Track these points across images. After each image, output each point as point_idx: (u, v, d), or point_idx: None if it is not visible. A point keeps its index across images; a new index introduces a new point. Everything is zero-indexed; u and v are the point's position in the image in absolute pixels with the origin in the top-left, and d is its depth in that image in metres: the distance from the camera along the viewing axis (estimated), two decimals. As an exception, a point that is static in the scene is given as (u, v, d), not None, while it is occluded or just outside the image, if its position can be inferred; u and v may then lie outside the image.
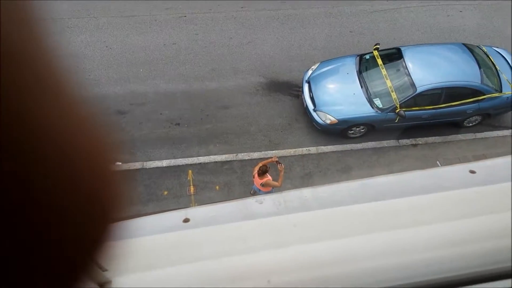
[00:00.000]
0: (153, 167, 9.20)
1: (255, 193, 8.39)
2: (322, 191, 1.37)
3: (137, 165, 9.18)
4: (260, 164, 7.72)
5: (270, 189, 7.77)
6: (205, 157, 9.41)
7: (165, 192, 8.95)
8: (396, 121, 9.25)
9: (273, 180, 7.72)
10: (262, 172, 7.59)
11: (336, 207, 1.22)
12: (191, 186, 9.03)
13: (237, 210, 1.34)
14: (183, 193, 8.96)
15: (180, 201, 8.82)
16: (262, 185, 7.66)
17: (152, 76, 10.37)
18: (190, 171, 9.19)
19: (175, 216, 1.28)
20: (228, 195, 8.93)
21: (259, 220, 1.21)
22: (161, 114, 9.89)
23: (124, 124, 9.69)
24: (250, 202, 1.34)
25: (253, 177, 7.86)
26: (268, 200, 1.33)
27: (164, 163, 9.27)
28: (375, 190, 1.33)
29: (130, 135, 9.57)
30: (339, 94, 9.50)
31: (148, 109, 9.93)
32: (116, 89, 10.11)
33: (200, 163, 9.32)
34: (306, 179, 9.22)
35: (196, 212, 1.34)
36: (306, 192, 1.34)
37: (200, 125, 9.83)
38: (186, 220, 1.24)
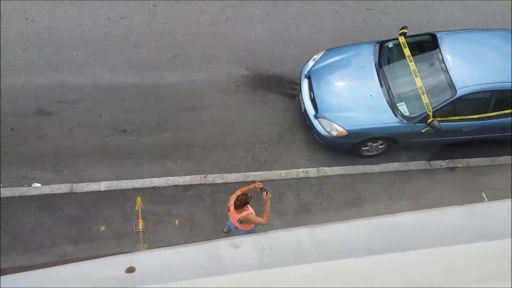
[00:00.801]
0: (86, 192, 9.11)
1: (230, 231, 8.35)
2: (323, 233, 1.38)
3: (63, 188, 9.07)
4: (239, 192, 7.70)
5: (252, 227, 7.74)
6: (161, 178, 9.35)
7: (102, 228, 8.85)
8: (423, 131, 9.32)
9: (256, 214, 7.70)
10: (241, 204, 7.56)
11: (342, 259, 1.22)
12: (140, 220, 8.96)
13: (203, 258, 1.35)
14: (128, 229, 8.88)
15: (123, 241, 8.73)
16: (241, 221, 7.63)
17: (90, 63, 10.32)
18: (139, 198, 9.12)
19: (115, 263, 1.28)
20: (191, 234, 8.87)
21: (234, 277, 1.20)
22: (100, 116, 9.83)
23: (48, 130, 9.59)
24: (223, 246, 1.35)
25: (229, 210, 7.84)
26: (247, 244, 1.34)
27: (102, 186, 9.19)
28: (395, 234, 1.35)
29: (56, 144, 9.48)
30: (351, 96, 9.56)
31: (83, 109, 9.86)
32: (39, 79, 10.03)
33: (154, 187, 9.26)
34: (302, 214, 9.22)
35: (145, 258, 1.34)
36: (301, 234, 1.36)
37: (156, 133, 9.79)
38: (131, 270, 1.24)
